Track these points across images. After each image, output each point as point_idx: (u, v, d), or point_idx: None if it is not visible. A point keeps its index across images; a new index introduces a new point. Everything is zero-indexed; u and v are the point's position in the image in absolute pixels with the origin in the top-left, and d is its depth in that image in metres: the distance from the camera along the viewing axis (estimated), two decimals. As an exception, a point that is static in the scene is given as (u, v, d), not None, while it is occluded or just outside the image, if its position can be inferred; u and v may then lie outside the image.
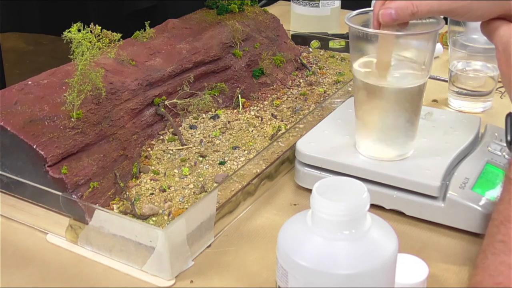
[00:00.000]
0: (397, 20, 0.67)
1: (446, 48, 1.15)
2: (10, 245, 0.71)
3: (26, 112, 0.72)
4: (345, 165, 0.75)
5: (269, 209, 0.77)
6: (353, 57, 0.74)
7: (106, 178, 0.73)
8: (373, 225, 0.48)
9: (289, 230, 0.50)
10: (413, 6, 0.66)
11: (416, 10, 0.66)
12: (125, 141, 0.79)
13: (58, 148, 0.70)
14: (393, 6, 0.67)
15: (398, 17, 0.67)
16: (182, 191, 0.75)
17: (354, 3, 0.96)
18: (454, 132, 0.81)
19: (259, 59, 1.03)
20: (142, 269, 0.66)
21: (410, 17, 0.67)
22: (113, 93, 0.80)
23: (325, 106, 0.92)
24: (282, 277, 0.49)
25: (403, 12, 0.66)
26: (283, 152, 0.82)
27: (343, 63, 1.13)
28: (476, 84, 0.99)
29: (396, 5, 0.67)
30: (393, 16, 0.66)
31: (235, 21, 1.03)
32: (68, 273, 0.66)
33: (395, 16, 0.66)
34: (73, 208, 0.68)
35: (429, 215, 0.72)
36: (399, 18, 0.67)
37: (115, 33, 0.75)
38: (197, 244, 0.68)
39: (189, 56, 0.92)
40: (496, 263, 0.52)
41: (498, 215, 0.57)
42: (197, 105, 0.89)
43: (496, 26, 0.66)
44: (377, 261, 0.47)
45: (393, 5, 0.67)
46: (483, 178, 0.73)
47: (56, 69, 0.82)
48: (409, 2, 0.66)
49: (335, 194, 0.48)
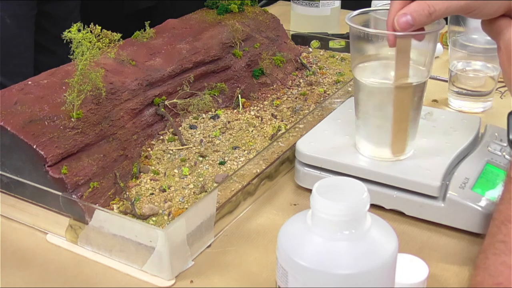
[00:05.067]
0: (414, 25, 0.64)
1: (446, 48, 1.15)
2: (10, 245, 0.71)
3: (26, 112, 0.72)
4: (345, 165, 0.75)
5: (269, 209, 0.77)
6: (354, 57, 0.74)
7: (106, 178, 0.73)
8: (373, 225, 0.48)
9: (289, 230, 0.50)
10: (429, 6, 0.63)
11: (433, 10, 0.63)
12: (125, 141, 0.79)
13: (58, 148, 0.70)
14: (409, 11, 0.64)
15: (415, 21, 0.64)
16: (182, 191, 0.75)
17: (354, 3, 0.96)
18: (454, 132, 0.81)
19: (259, 59, 1.03)
20: (142, 269, 0.66)
21: (427, 19, 0.64)
22: (113, 93, 0.80)
23: (325, 106, 0.92)
24: (282, 277, 0.49)
25: (419, 15, 0.63)
26: (283, 152, 0.82)
27: (343, 63, 1.13)
28: (476, 84, 0.99)
29: (411, 9, 0.64)
30: (410, 21, 0.64)
31: (235, 21, 1.03)
32: (68, 273, 0.66)
33: (412, 20, 0.63)
34: (73, 208, 0.69)
35: (429, 215, 0.72)
36: (416, 22, 0.64)
37: (115, 33, 0.75)
38: (197, 244, 0.68)
39: (189, 56, 0.92)
40: (497, 263, 0.52)
41: (499, 215, 0.57)
42: (197, 105, 0.89)
43: (499, 25, 0.66)
44: (377, 261, 0.47)
45: (409, 10, 0.64)
46: (483, 178, 0.73)
47: (56, 69, 0.82)
48: (424, 3, 0.63)
49: (335, 194, 0.48)
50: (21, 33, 1.60)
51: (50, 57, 1.65)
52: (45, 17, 1.70)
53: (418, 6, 0.64)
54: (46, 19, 1.71)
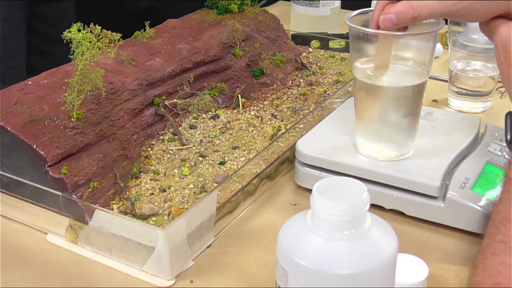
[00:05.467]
0: (397, 24, 0.66)
1: (446, 48, 1.15)
2: (10, 245, 0.71)
3: (26, 112, 0.72)
4: (345, 165, 0.75)
5: (269, 209, 0.77)
6: (353, 57, 0.74)
7: (106, 178, 0.73)
8: (373, 225, 0.48)
9: (289, 230, 0.50)
10: (414, 10, 0.65)
11: (417, 14, 0.65)
12: (125, 141, 0.79)
13: (58, 148, 0.70)
14: (393, 10, 0.66)
15: (398, 22, 0.66)
16: (182, 191, 0.75)
17: (354, 3, 0.96)
18: (454, 132, 0.81)
19: (259, 59, 1.03)
20: (142, 269, 0.66)
21: (411, 21, 0.66)
22: (113, 93, 0.80)
23: (325, 106, 0.92)
24: (282, 277, 0.49)
25: (403, 17, 0.65)
26: (283, 152, 0.82)
27: (343, 63, 1.13)
28: (476, 84, 0.99)
29: (396, 10, 0.66)
30: (394, 21, 0.66)
31: (235, 21, 1.03)
32: (68, 273, 0.66)
33: (396, 20, 0.66)
34: (73, 208, 0.69)
35: (429, 215, 0.72)
36: (399, 22, 0.66)
37: (115, 33, 0.75)
38: (197, 244, 0.68)
39: (189, 56, 0.92)
40: (496, 263, 0.52)
41: (498, 215, 0.57)
42: (197, 105, 0.89)
43: (496, 24, 0.66)
44: (377, 261, 0.47)
45: (393, 9, 0.66)
46: (483, 178, 0.73)
47: (56, 69, 0.82)
48: (409, 6, 0.65)
49: (335, 194, 0.48)
50: (13, 34, 1.59)
51: (46, 59, 1.64)
52: (39, 19, 1.69)
53: (403, 8, 0.65)
54: (40, 21, 1.70)
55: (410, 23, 0.66)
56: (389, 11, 0.66)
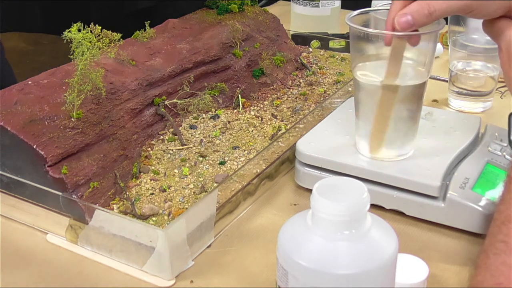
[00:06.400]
0: (414, 25, 0.65)
1: (446, 48, 1.15)
2: (10, 245, 0.71)
3: (26, 112, 0.72)
4: (345, 165, 0.75)
5: (269, 209, 0.77)
6: (354, 57, 0.74)
7: (106, 178, 0.73)
8: (373, 225, 0.48)
9: (289, 230, 0.50)
10: (429, 6, 0.64)
11: (433, 10, 0.64)
12: (125, 141, 0.79)
13: (58, 148, 0.70)
14: (409, 11, 0.65)
15: (415, 21, 0.65)
16: (182, 191, 0.74)
17: (354, 3, 0.96)
18: (454, 132, 0.81)
19: (259, 59, 1.03)
20: (142, 269, 0.66)
21: (427, 19, 0.65)
22: (113, 93, 0.80)
23: (325, 106, 0.92)
24: (282, 277, 0.49)
25: (419, 15, 0.64)
26: (283, 152, 0.82)
27: (343, 63, 1.13)
28: (476, 84, 0.99)
29: (411, 10, 0.65)
30: (410, 21, 0.64)
31: (235, 21, 1.03)
32: (68, 273, 0.66)
33: (412, 21, 0.64)
34: (73, 208, 0.69)
35: (429, 215, 0.72)
36: (416, 22, 0.65)
37: (115, 33, 0.75)
38: (197, 244, 0.68)
39: (189, 56, 0.92)
40: (497, 263, 0.52)
41: (500, 215, 0.57)
42: (197, 105, 0.89)
43: (501, 26, 0.66)
44: (377, 261, 0.47)
45: (409, 10, 0.65)
46: (483, 178, 0.73)
47: (56, 69, 0.82)
48: (424, 3, 0.64)
49: (335, 194, 0.47)
50: None
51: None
52: None
53: (418, 6, 0.64)
54: None
55: (426, 20, 0.65)
56: (404, 12, 0.65)
